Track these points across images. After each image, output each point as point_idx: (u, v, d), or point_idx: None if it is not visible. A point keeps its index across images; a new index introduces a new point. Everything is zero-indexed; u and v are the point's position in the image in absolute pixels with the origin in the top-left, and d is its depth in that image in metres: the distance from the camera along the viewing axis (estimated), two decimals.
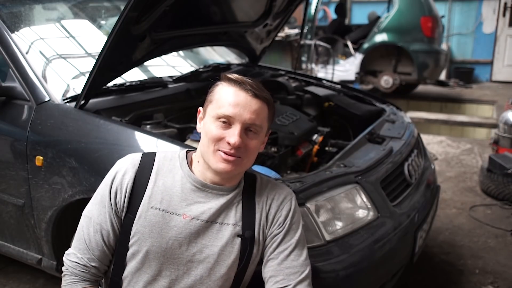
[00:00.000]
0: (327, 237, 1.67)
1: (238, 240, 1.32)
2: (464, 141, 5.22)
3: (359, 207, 1.84)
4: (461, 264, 2.74)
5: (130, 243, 1.32)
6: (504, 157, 3.67)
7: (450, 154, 4.70)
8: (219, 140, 1.26)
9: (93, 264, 1.34)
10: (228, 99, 1.26)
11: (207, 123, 1.30)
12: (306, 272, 1.34)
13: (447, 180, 3.99)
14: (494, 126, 5.23)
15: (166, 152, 1.42)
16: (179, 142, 1.84)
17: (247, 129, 1.28)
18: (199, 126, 1.37)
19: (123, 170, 1.35)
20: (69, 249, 1.40)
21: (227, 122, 1.26)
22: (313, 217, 1.67)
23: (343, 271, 1.66)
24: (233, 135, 1.25)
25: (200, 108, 1.38)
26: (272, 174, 1.83)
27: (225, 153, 1.26)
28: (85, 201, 1.75)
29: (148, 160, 1.38)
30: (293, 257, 1.33)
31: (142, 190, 1.33)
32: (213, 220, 1.32)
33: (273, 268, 1.32)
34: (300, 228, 1.39)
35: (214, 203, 1.32)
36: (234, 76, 1.30)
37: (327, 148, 2.56)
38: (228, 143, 1.25)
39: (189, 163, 1.37)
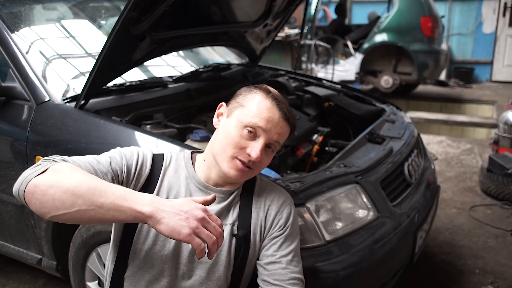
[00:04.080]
0: (327, 237, 1.67)
1: (233, 239, 1.32)
2: (464, 141, 5.22)
3: (359, 207, 1.84)
4: (461, 264, 2.74)
5: (133, 241, 1.32)
6: (504, 157, 3.67)
7: (450, 154, 4.70)
8: (240, 147, 1.26)
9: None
10: (262, 112, 1.26)
11: (230, 125, 1.29)
12: (304, 281, 1.34)
13: (447, 180, 3.99)
14: (494, 126, 5.23)
15: (172, 153, 1.42)
16: (179, 142, 1.84)
17: (267, 145, 1.28)
18: (216, 121, 1.35)
19: (143, 158, 1.31)
20: None
21: (254, 133, 1.26)
22: (313, 217, 1.67)
23: (343, 271, 1.66)
24: (256, 149, 1.25)
25: (224, 104, 1.36)
26: (272, 174, 1.83)
27: (242, 162, 1.26)
28: None
29: (158, 160, 1.37)
30: (295, 263, 1.33)
31: (152, 188, 1.31)
32: None
33: (278, 272, 1.31)
34: (298, 235, 1.40)
35: (216, 206, 1.32)
36: (273, 91, 1.30)
37: (327, 148, 2.56)
38: (249, 155, 1.25)
39: (193, 164, 1.38)
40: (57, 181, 1.02)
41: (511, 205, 3.46)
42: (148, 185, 1.31)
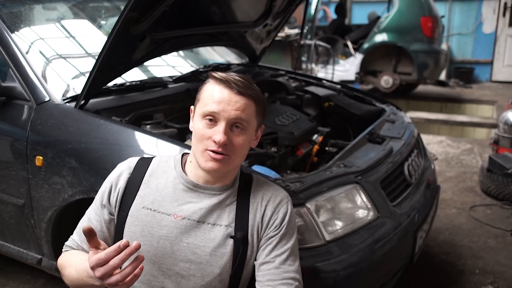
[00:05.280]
0: (327, 237, 1.67)
1: (231, 241, 1.31)
2: (464, 141, 5.22)
3: (359, 207, 1.84)
4: (461, 264, 2.74)
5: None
6: (504, 157, 3.67)
7: (450, 154, 4.70)
8: (206, 138, 1.27)
9: (83, 246, 1.39)
10: (213, 96, 1.28)
11: (195, 122, 1.32)
12: (301, 280, 1.34)
13: (447, 180, 3.99)
14: (494, 126, 5.23)
15: (164, 156, 1.44)
16: (179, 142, 1.84)
17: (233, 126, 1.28)
18: (191, 125, 1.37)
19: (119, 171, 1.40)
20: None
21: (213, 119, 1.27)
22: (313, 217, 1.66)
23: (343, 271, 1.66)
24: (218, 132, 1.25)
25: (192, 107, 1.39)
26: (272, 174, 1.83)
27: (212, 151, 1.26)
28: (85, 201, 1.76)
29: (144, 163, 1.41)
30: (290, 262, 1.32)
31: (134, 191, 1.36)
32: (204, 220, 1.32)
33: (271, 272, 1.31)
34: (295, 234, 1.38)
35: (206, 203, 1.33)
36: (219, 74, 1.31)
37: (327, 148, 2.56)
38: (214, 141, 1.25)
39: (183, 164, 1.39)
40: (66, 279, 1.35)
41: (511, 205, 3.46)
42: (129, 192, 1.37)
